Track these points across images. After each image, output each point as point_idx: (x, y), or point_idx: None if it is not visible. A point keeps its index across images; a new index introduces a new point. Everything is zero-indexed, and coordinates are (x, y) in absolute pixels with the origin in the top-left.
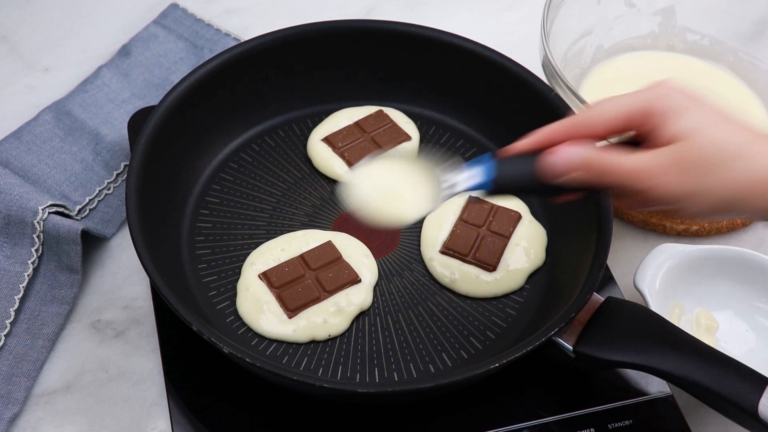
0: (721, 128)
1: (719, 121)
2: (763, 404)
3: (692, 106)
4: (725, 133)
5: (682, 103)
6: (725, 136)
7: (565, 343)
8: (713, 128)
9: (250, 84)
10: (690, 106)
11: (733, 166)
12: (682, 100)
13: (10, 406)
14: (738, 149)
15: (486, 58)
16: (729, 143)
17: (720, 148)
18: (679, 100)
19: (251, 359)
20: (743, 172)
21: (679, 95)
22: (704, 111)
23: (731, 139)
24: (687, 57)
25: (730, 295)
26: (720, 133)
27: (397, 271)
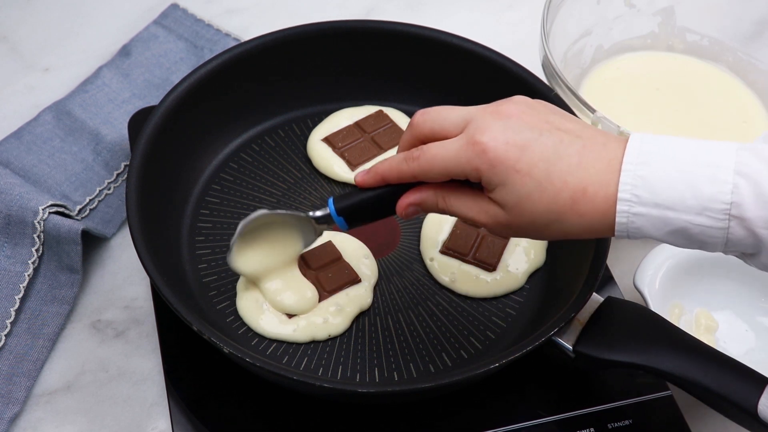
0: (536, 201)
1: (534, 192)
2: (763, 404)
3: (507, 181)
4: (539, 206)
5: (497, 179)
6: (538, 210)
7: (565, 343)
8: (528, 203)
9: (250, 84)
10: (504, 182)
11: (553, 227)
12: (497, 175)
13: (10, 405)
14: (553, 217)
15: (486, 58)
16: (543, 215)
17: (534, 221)
18: (494, 175)
19: (251, 359)
20: (563, 230)
21: (494, 170)
22: (520, 185)
23: (545, 211)
24: (686, 57)
25: (729, 295)
26: (534, 207)
27: (397, 271)
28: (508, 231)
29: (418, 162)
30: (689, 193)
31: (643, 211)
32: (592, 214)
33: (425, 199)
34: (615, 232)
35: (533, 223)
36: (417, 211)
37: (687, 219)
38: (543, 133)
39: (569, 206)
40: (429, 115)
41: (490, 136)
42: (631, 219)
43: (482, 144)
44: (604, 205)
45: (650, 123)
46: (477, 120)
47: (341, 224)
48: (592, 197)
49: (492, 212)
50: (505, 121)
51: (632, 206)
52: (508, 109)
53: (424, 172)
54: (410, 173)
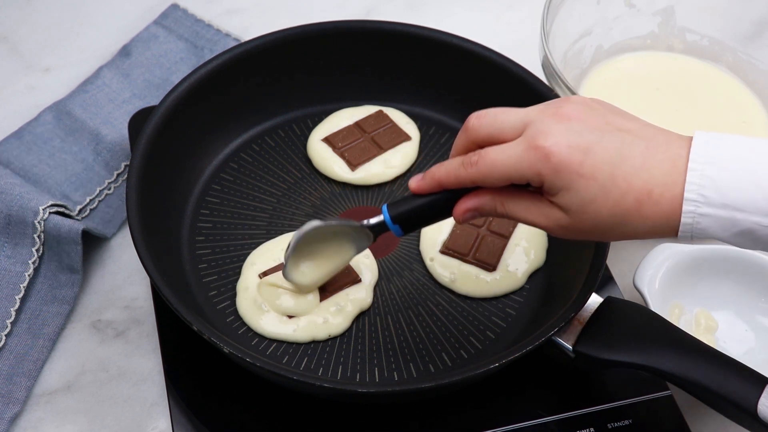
0: (600, 205)
1: (599, 196)
2: (762, 404)
3: (571, 186)
4: (604, 210)
5: (560, 183)
6: (603, 214)
7: (564, 343)
8: (593, 206)
9: (250, 84)
10: (568, 186)
11: (617, 230)
12: (561, 179)
13: (10, 405)
14: (617, 220)
15: (486, 58)
16: (607, 219)
17: (598, 225)
18: (558, 180)
19: (251, 359)
20: (626, 233)
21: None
22: (585, 189)
23: (609, 215)
24: (686, 57)
25: (729, 295)
26: (598, 211)
27: (397, 271)
28: (571, 234)
29: (477, 167)
30: (759, 195)
31: (711, 212)
32: (657, 217)
33: (483, 204)
34: (679, 232)
35: (597, 227)
36: (474, 216)
37: (756, 221)
38: (605, 135)
39: (634, 209)
40: (485, 119)
41: (553, 141)
42: (697, 220)
43: (545, 149)
44: (669, 207)
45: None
46: (536, 123)
47: (396, 231)
48: (657, 199)
49: (554, 216)
50: (566, 124)
51: (699, 206)
52: (568, 110)
53: (483, 177)
54: (469, 179)
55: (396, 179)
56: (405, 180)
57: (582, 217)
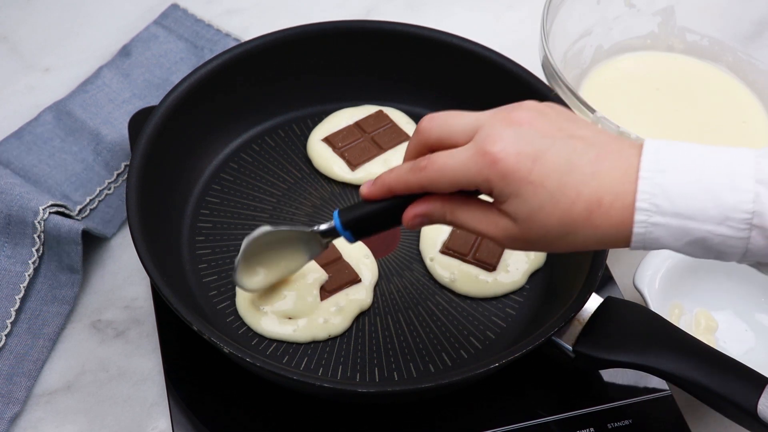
0: (549, 213)
1: (547, 204)
2: (762, 404)
3: (519, 193)
4: (552, 218)
5: (508, 190)
6: (551, 222)
7: (564, 343)
8: (541, 214)
9: (251, 84)
10: (517, 193)
11: (566, 240)
12: (509, 186)
13: (10, 405)
14: (566, 229)
15: (486, 58)
16: (556, 228)
17: (546, 234)
18: (506, 186)
19: (251, 359)
20: (575, 243)
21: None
22: (533, 195)
23: (558, 223)
24: (686, 57)
25: (729, 295)
26: (547, 219)
27: (397, 271)
28: (519, 244)
29: (425, 172)
30: (710, 203)
31: (662, 221)
32: (608, 226)
33: (432, 210)
34: (632, 243)
35: (545, 236)
36: (423, 223)
37: (708, 229)
38: (556, 142)
39: (584, 218)
40: (436, 122)
41: (501, 146)
42: (650, 229)
43: (493, 154)
44: (620, 216)
45: (650, 123)
46: (487, 128)
47: (347, 237)
48: (607, 208)
49: (502, 225)
50: (516, 129)
51: (651, 216)
52: (519, 116)
53: (432, 182)
54: (418, 184)
55: None
56: None
57: (530, 225)
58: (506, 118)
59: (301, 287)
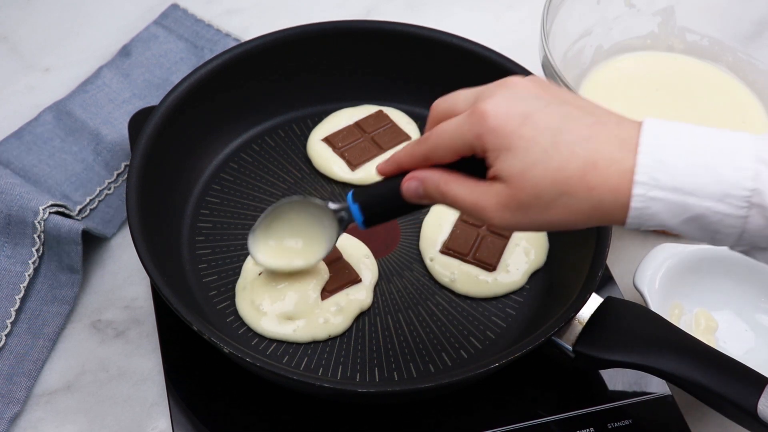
0: (542, 170)
1: (541, 160)
2: (762, 404)
3: (511, 146)
4: (545, 176)
5: (500, 143)
6: (545, 180)
7: (564, 343)
8: (534, 171)
9: (250, 84)
10: (508, 147)
11: (560, 202)
12: (500, 139)
13: (10, 405)
14: (560, 189)
15: (486, 58)
16: (549, 187)
17: (539, 193)
18: (497, 140)
19: (251, 359)
20: (570, 207)
21: (496, 135)
22: (524, 150)
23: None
24: (686, 57)
25: (729, 294)
26: (540, 176)
27: (397, 271)
28: (511, 213)
29: (426, 141)
30: (710, 178)
31: (661, 196)
32: (603, 189)
33: (427, 176)
34: (628, 218)
35: (539, 198)
36: (418, 190)
37: (707, 206)
38: (550, 104)
39: (578, 177)
40: (444, 98)
41: (492, 103)
42: (647, 204)
43: (483, 111)
44: (616, 181)
45: None
46: (483, 92)
47: (358, 218)
48: (602, 170)
49: (493, 191)
50: (510, 90)
51: (650, 190)
52: (515, 80)
53: (432, 150)
54: (421, 154)
55: None
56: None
57: (523, 183)
58: (502, 83)
59: (303, 288)
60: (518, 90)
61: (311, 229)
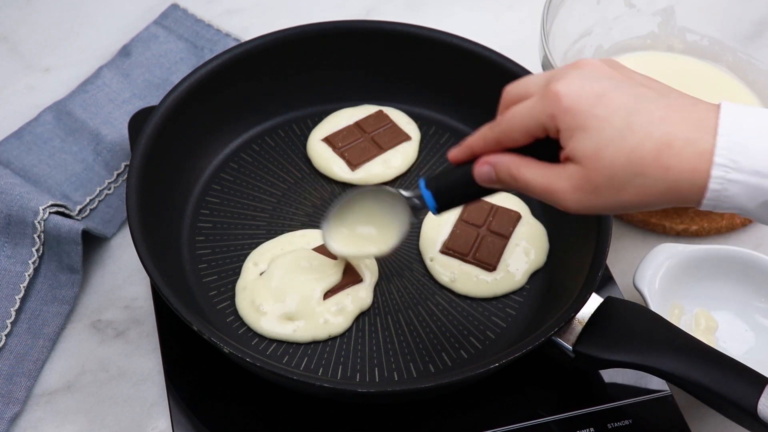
0: (616, 150)
1: (615, 139)
2: (762, 404)
3: (585, 126)
4: (620, 156)
5: (574, 123)
6: (619, 160)
7: (564, 343)
8: (608, 151)
9: (250, 84)
10: (583, 126)
11: (634, 183)
12: (573, 119)
13: (10, 405)
14: (635, 169)
15: (486, 58)
16: (624, 167)
17: (614, 174)
18: (571, 120)
19: (251, 359)
20: (644, 188)
21: (570, 114)
22: (598, 130)
23: (626, 162)
24: (686, 57)
25: (729, 295)
26: (614, 156)
27: (397, 271)
28: (585, 195)
29: (499, 125)
30: None
31: (740, 178)
32: (680, 169)
33: (500, 161)
34: (704, 200)
35: (612, 179)
36: (490, 174)
37: None
38: (622, 84)
39: (653, 157)
40: (515, 83)
41: (565, 83)
42: (726, 186)
43: (556, 91)
44: (693, 162)
45: None
46: (556, 73)
47: (431, 205)
48: (678, 151)
49: (567, 174)
50: (582, 70)
51: (729, 172)
52: (588, 61)
53: (505, 133)
54: (493, 138)
55: (396, 179)
56: (405, 180)
57: (597, 164)
58: (574, 64)
59: (305, 288)
60: (591, 70)
61: (384, 217)
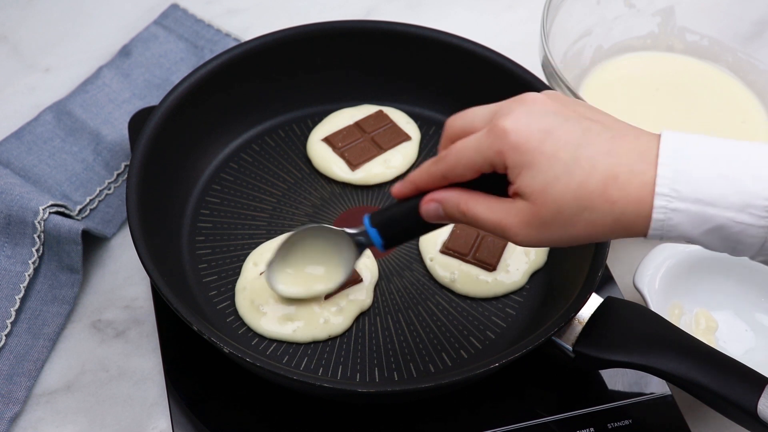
0: (564, 185)
1: (562, 176)
2: (762, 404)
3: (533, 163)
4: (567, 191)
5: (521, 160)
6: (566, 195)
7: (564, 343)
8: (556, 187)
9: (250, 84)
10: (530, 163)
11: (582, 217)
12: (521, 156)
13: (11, 405)
14: (582, 204)
15: (486, 58)
16: (571, 202)
17: (561, 209)
18: (518, 156)
19: (251, 359)
20: (592, 221)
21: (517, 151)
22: (546, 167)
23: (573, 197)
24: (686, 57)
25: (729, 295)
26: (562, 192)
27: (397, 271)
28: (534, 230)
29: (445, 160)
30: (731, 189)
31: (682, 207)
32: (625, 202)
33: (447, 197)
34: (650, 230)
35: (561, 213)
36: (438, 211)
37: (728, 216)
38: (569, 120)
39: (600, 191)
40: (459, 115)
41: (512, 119)
42: (669, 215)
43: (503, 128)
44: (638, 193)
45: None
46: (501, 109)
47: (377, 242)
48: (624, 183)
49: (516, 209)
50: (529, 106)
51: (671, 201)
52: (534, 97)
53: (450, 168)
54: (439, 173)
55: (396, 179)
56: None
57: (544, 200)
58: (520, 99)
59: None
60: (536, 106)
61: (329, 255)
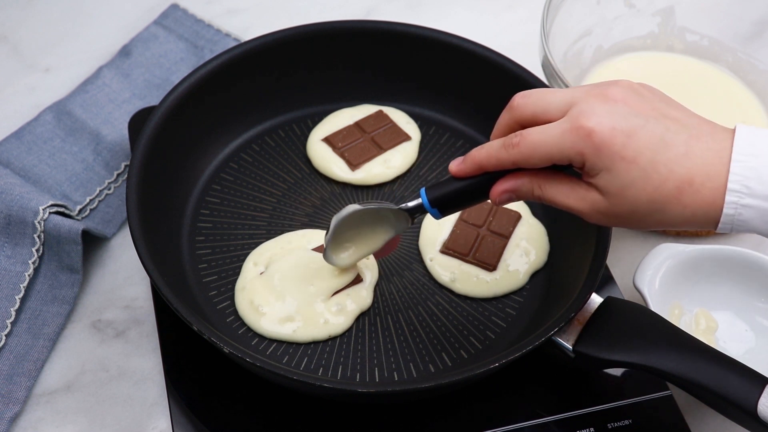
0: (639, 189)
1: (638, 180)
2: (762, 404)
3: (612, 167)
4: (643, 195)
5: (601, 163)
6: (641, 199)
7: (564, 343)
8: (632, 191)
9: (251, 84)
10: (609, 167)
11: (654, 217)
12: (602, 159)
13: (10, 405)
14: (656, 207)
15: (486, 58)
16: (645, 205)
17: (636, 210)
18: (599, 159)
19: (251, 359)
20: (663, 220)
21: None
22: (625, 172)
23: (648, 201)
24: (686, 57)
25: (729, 295)
26: (637, 195)
27: (397, 271)
28: (606, 219)
29: (518, 149)
30: None
31: (753, 203)
32: (697, 205)
33: (521, 185)
34: (719, 224)
35: (634, 213)
36: (511, 199)
37: None
38: (650, 120)
39: (674, 196)
40: (531, 98)
41: (597, 121)
42: (739, 211)
43: (588, 128)
44: (710, 197)
45: None
46: (581, 103)
47: (434, 214)
48: (698, 188)
49: (591, 199)
50: (611, 106)
51: (742, 197)
52: (615, 93)
53: (525, 158)
54: (510, 160)
55: (396, 179)
56: (405, 180)
57: (620, 201)
58: (601, 95)
59: (305, 289)
60: (618, 106)
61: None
